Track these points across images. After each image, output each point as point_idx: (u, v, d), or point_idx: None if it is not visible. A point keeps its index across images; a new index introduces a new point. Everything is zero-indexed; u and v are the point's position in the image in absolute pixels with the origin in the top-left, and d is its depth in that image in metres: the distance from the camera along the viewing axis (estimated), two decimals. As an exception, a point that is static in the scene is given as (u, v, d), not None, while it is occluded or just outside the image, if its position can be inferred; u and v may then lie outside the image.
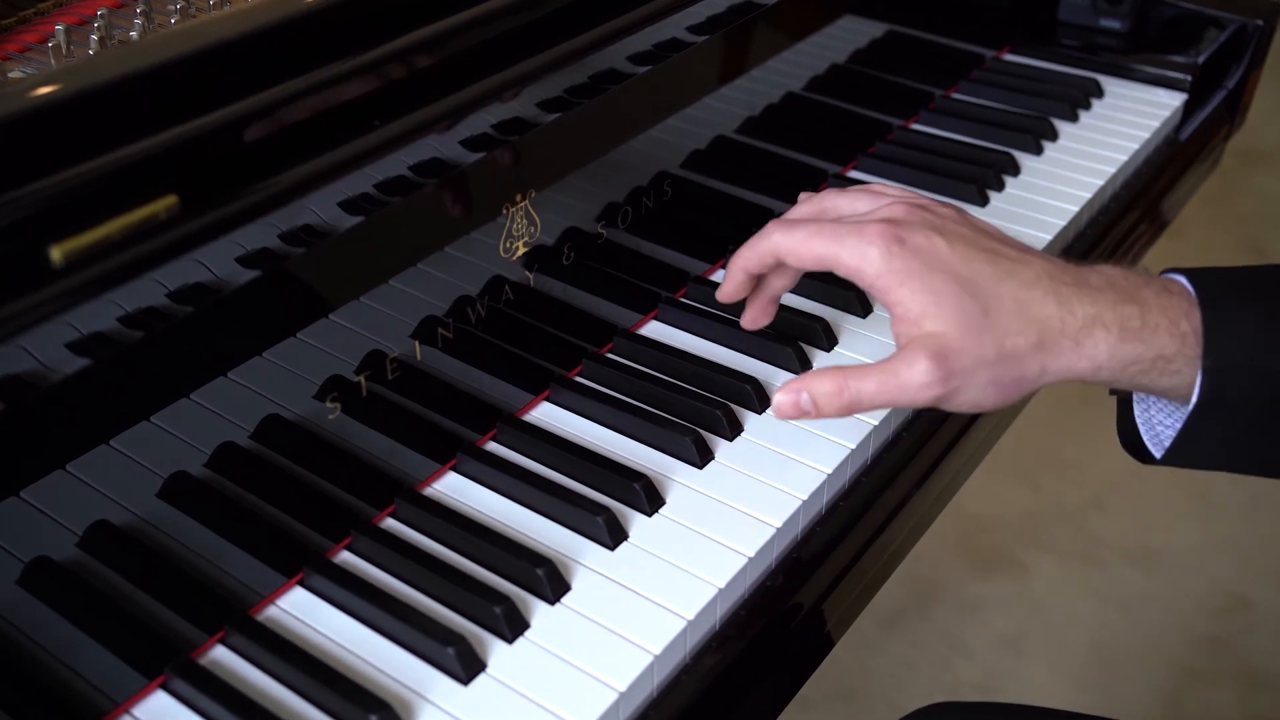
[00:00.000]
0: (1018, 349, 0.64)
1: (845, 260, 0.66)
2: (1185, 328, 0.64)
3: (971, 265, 0.64)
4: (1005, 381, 0.65)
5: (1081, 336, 0.64)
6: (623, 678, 0.63)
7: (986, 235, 0.67)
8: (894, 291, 0.65)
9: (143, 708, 0.63)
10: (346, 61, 0.61)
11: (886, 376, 0.65)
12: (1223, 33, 1.25)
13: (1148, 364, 0.64)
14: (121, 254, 0.51)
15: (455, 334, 0.75)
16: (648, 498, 0.73)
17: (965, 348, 0.63)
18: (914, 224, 0.66)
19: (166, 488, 0.64)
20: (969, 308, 0.63)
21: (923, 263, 0.64)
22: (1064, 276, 0.65)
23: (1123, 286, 0.65)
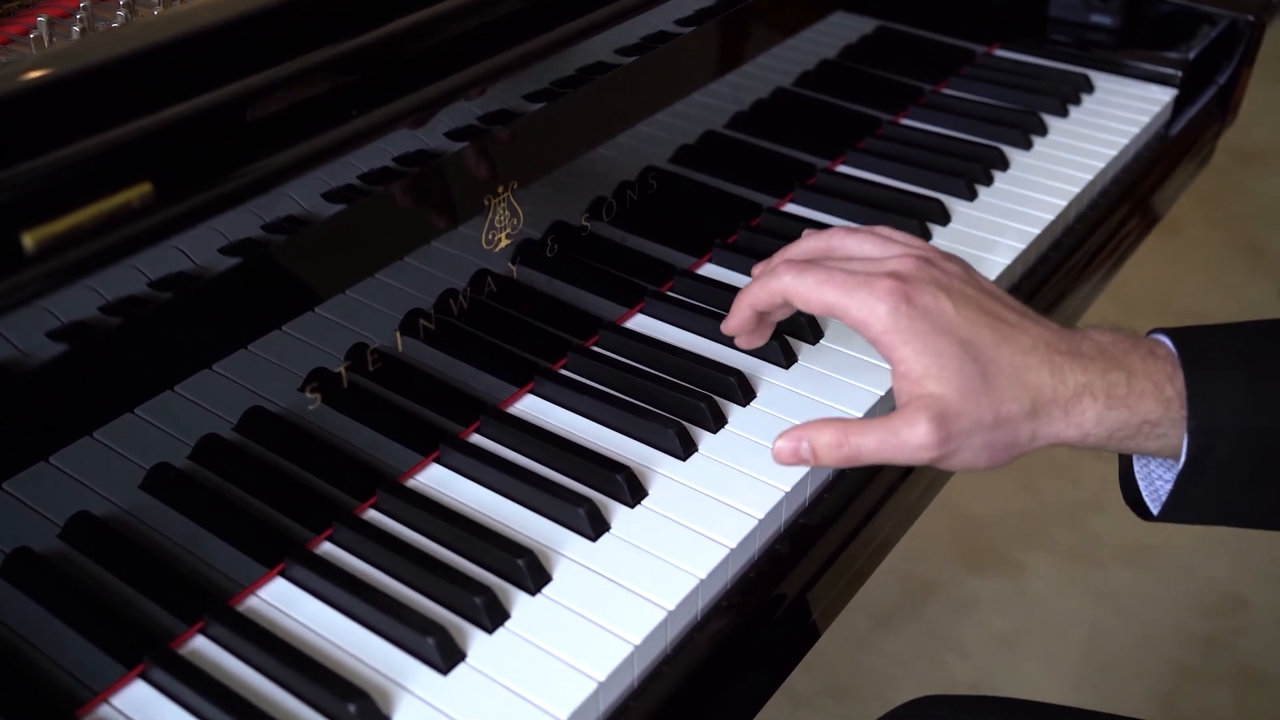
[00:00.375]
0: (1012, 415, 0.65)
1: (853, 313, 0.67)
2: (1170, 392, 0.65)
3: (974, 328, 0.66)
4: (999, 446, 0.66)
5: (1071, 405, 0.65)
6: (602, 668, 0.63)
7: (988, 296, 0.68)
8: (898, 350, 0.66)
9: (121, 697, 0.63)
10: (325, 50, 0.61)
11: (887, 435, 0.66)
12: (1214, 29, 1.25)
13: (1134, 429, 0.66)
14: (95, 241, 0.51)
15: (437, 326, 0.75)
16: (630, 489, 0.72)
17: (964, 411, 0.64)
18: (922, 281, 0.67)
19: (149, 479, 0.64)
20: (970, 371, 0.65)
21: (928, 323, 0.65)
22: (1059, 344, 0.66)
23: (1111, 353, 0.67)
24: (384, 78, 0.65)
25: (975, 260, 0.95)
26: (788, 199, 1.04)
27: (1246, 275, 2.48)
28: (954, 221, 1.00)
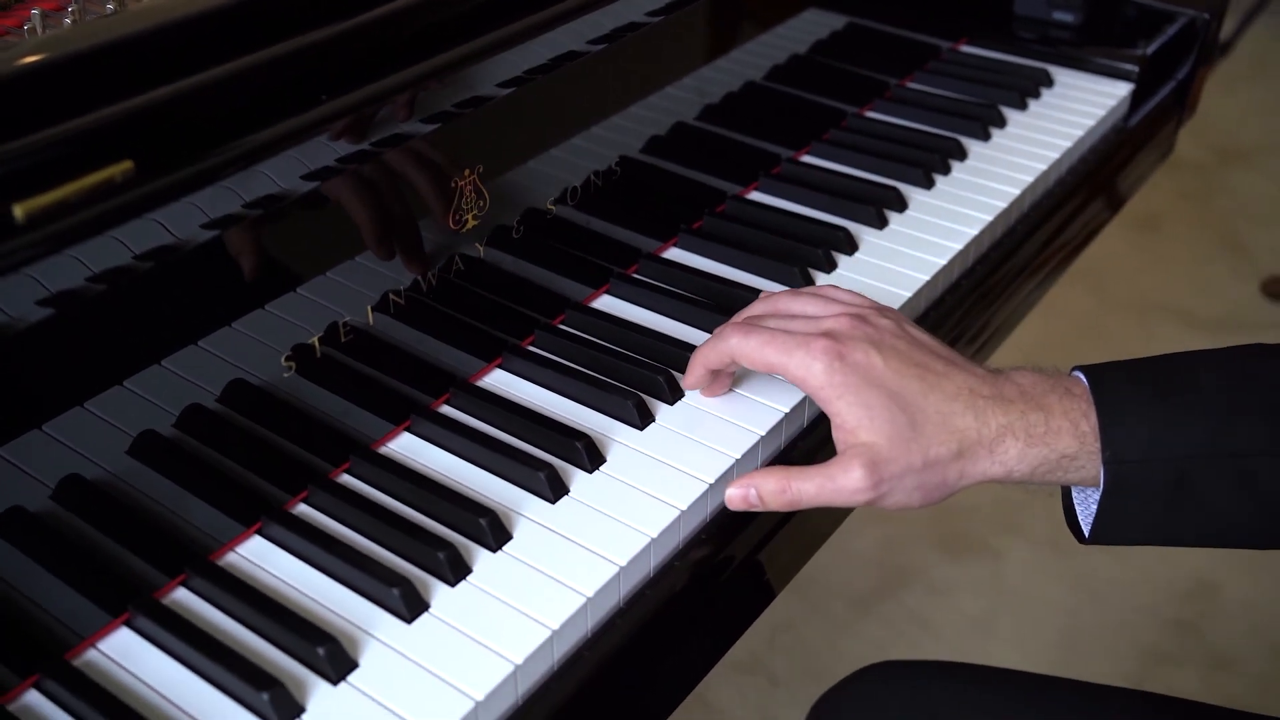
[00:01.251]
0: (940, 457, 0.71)
1: (792, 371, 0.73)
2: (1085, 427, 0.71)
3: (902, 380, 0.71)
4: (929, 486, 0.72)
5: (995, 445, 0.71)
6: (556, 618, 0.67)
7: (918, 347, 0.74)
8: (833, 403, 0.71)
9: (107, 643, 0.67)
10: (297, 39, 0.66)
11: (824, 480, 0.72)
12: (1173, 26, 1.29)
13: (1054, 464, 0.71)
14: (80, 213, 0.56)
15: (408, 302, 0.79)
16: (589, 455, 0.77)
17: (895, 457, 0.70)
18: (855, 339, 0.73)
19: (136, 445, 0.68)
20: (899, 420, 0.70)
21: (860, 378, 0.71)
22: (982, 389, 0.72)
23: (1031, 394, 0.72)
24: (356, 64, 0.69)
25: (931, 246, 1.00)
26: (752, 187, 1.08)
27: (1228, 272, 2.52)
28: (911, 209, 1.05)
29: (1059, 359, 0.79)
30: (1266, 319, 2.39)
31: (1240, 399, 0.71)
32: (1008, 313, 1.10)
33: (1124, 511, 0.72)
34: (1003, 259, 1.06)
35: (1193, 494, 0.71)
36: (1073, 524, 0.77)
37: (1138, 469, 0.70)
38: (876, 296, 0.92)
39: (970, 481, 0.73)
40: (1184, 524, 0.72)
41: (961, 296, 1.01)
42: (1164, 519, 0.72)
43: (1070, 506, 0.77)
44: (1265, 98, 3.18)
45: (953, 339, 0.99)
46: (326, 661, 0.64)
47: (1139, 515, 0.72)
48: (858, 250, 0.99)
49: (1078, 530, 0.77)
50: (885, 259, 0.98)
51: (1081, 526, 0.76)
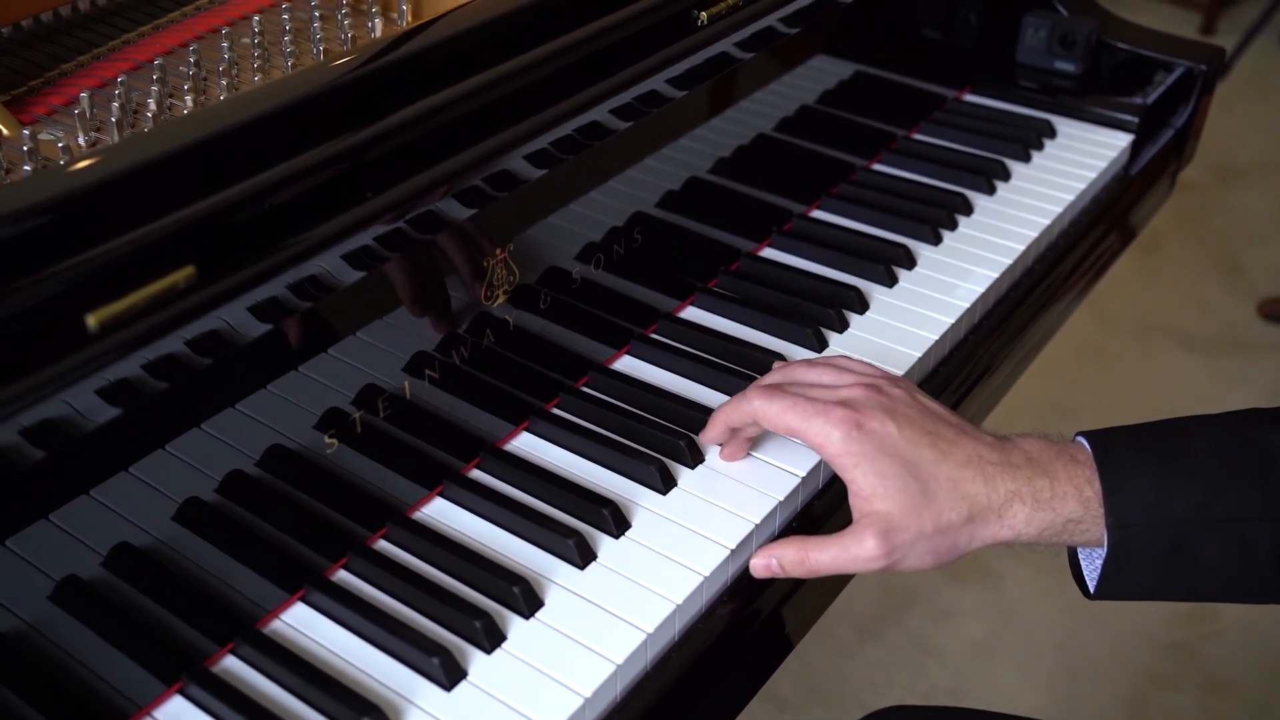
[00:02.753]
0: (952, 523, 0.74)
1: (811, 437, 0.76)
2: (1089, 493, 0.75)
3: (916, 449, 0.75)
4: (941, 549, 0.76)
5: (1003, 510, 0.75)
6: (588, 684, 0.71)
7: (929, 416, 0.78)
8: (850, 471, 0.75)
9: (162, 710, 0.71)
10: (339, 141, 0.69)
11: (839, 551, 0.75)
12: (1170, 75, 1.33)
13: (1059, 527, 0.75)
14: (147, 319, 0.59)
15: (440, 370, 0.83)
16: (615, 522, 0.80)
17: (907, 525, 0.74)
18: (871, 408, 0.76)
19: (181, 512, 0.72)
20: (912, 489, 0.74)
21: (875, 446, 0.74)
22: (990, 455, 0.76)
23: (1038, 461, 0.76)
24: (391, 163, 0.72)
25: (937, 302, 1.03)
26: (765, 244, 1.11)
27: (1225, 291, 2.56)
28: (919, 265, 1.08)
29: (1058, 378, 0.83)
30: (1263, 340, 2.43)
31: (1233, 465, 0.75)
32: (1019, 356, 1.13)
33: (1127, 572, 0.76)
34: (1010, 310, 1.09)
35: (1190, 556, 0.75)
36: (1078, 579, 0.81)
37: (1139, 533, 0.74)
38: (888, 355, 0.97)
39: (980, 544, 0.76)
40: (1183, 583, 0.76)
41: (969, 351, 1.04)
42: (1164, 578, 0.76)
43: (1076, 563, 0.81)
44: (1263, 117, 3.21)
45: (963, 390, 1.03)
46: (372, 731, 0.67)
47: (1141, 575, 0.76)
48: (869, 309, 1.03)
49: (1083, 585, 0.80)
50: (896, 318, 1.02)
51: (1087, 582, 0.80)
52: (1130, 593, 0.78)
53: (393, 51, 0.76)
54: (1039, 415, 2.06)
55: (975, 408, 1.06)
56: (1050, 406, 2.14)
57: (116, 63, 0.90)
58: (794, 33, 1.04)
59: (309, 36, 0.90)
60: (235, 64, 0.87)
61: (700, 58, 0.95)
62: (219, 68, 0.86)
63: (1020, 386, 1.17)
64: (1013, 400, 1.17)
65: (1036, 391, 2.12)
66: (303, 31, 0.92)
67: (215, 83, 0.85)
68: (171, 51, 0.90)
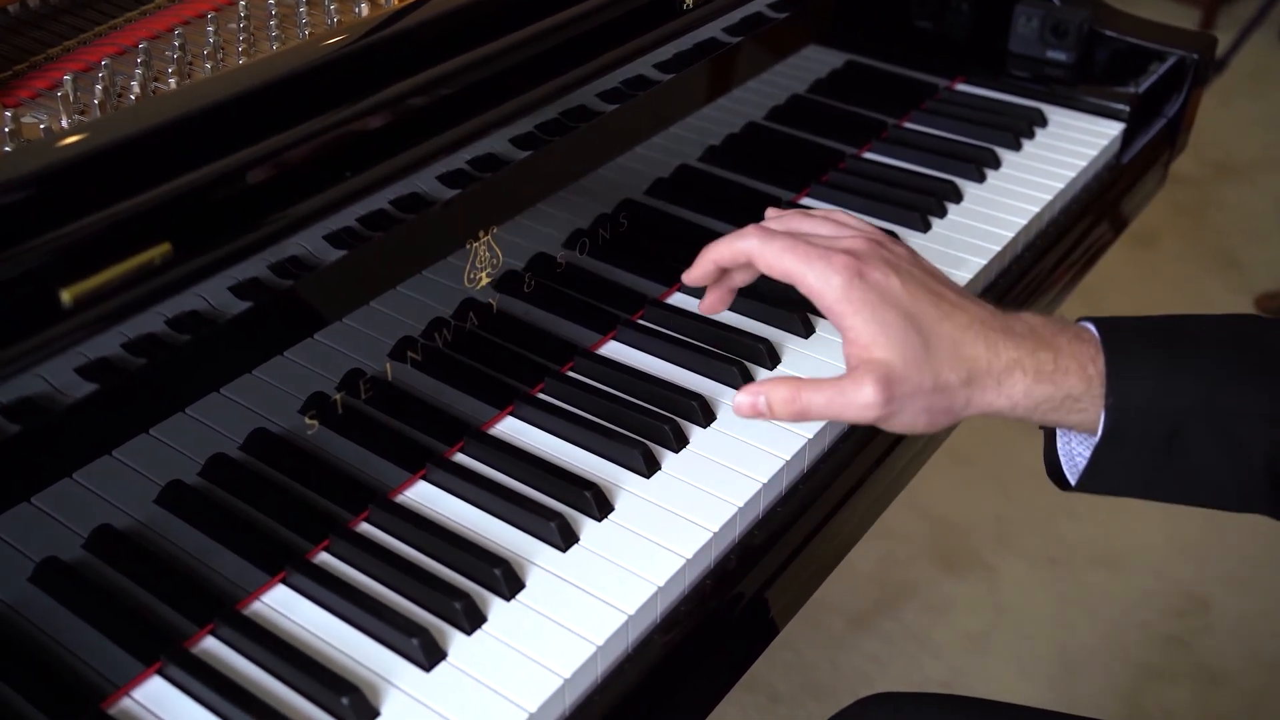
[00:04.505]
0: (950, 383, 0.72)
1: (810, 281, 0.73)
2: (1092, 371, 0.73)
3: (918, 304, 0.72)
4: (936, 410, 0.73)
5: (1003, 377, 0.72)
6: (568, 666, 0.71)
7: (933, 278, 0.76)
8: (849, 318, 0.72)
9: (141, 691, 0.70)
10: (319, 120, 0.69)
11: (835, 393, 0.72)
12: (1163, 65, 1.32)
13: (1058, 403, 0.73)
14: (123, 295, 0.59)
15: (424, 353, 0.83)
16: (598, 505, 0.80)
17: (907, 376, 0.71)
18: (874, 259, 0.73)
19: (163, 495, 0.72)
20: (913, 341, 0.72)
21: (878, 295, 0.72)
22: (993, 323, 0.74)
23: (1041, 334, 0.74)
24: (373, 141, 0.72)
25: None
26: (753, 231, 1.11)
27: (1222, 287, 2.55)
28: (908, 252, 1.08)
29: None
30: (1260, 335, 2.42)
31: (1238, 363, 0.73)
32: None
33: (1116, 460, 0.74)
34: (998, 298, 1.09)
35: (1184, 449, 0.72)
36: (1054, 474, 0.79)
37: (1137, 418, 0.72)
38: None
39: (975, 410, 0.74)
40: (1171, 478, 0.74)
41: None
42: (1152, 471, 0.74)
43: (1054, 458, 0.79)
44: (1261, 112, 3.21)
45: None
46: (350, 710, 0.67)
47: (1130, 465, 0.74)
48: (856, 295, 1.02)
49: (1060, 479, 0.79)
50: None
51: (1067, 475, 0.78)
52: (1114, 485, 0.75)
53: (375, 32, 0.76)
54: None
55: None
56: (1046, 400, 2.13)
57: (101, 47, 0.90)
58: (781, 18, 1.04)
59: (295, 21, 0.90)
60: (220, 48, 0.87)
61: (687, 42, 0.95)
62: (204, 52, 0.86)
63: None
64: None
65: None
66: (289, 17, 0.91)
67: (200, 66, 0.84)
68: (157, 36, 0.90)
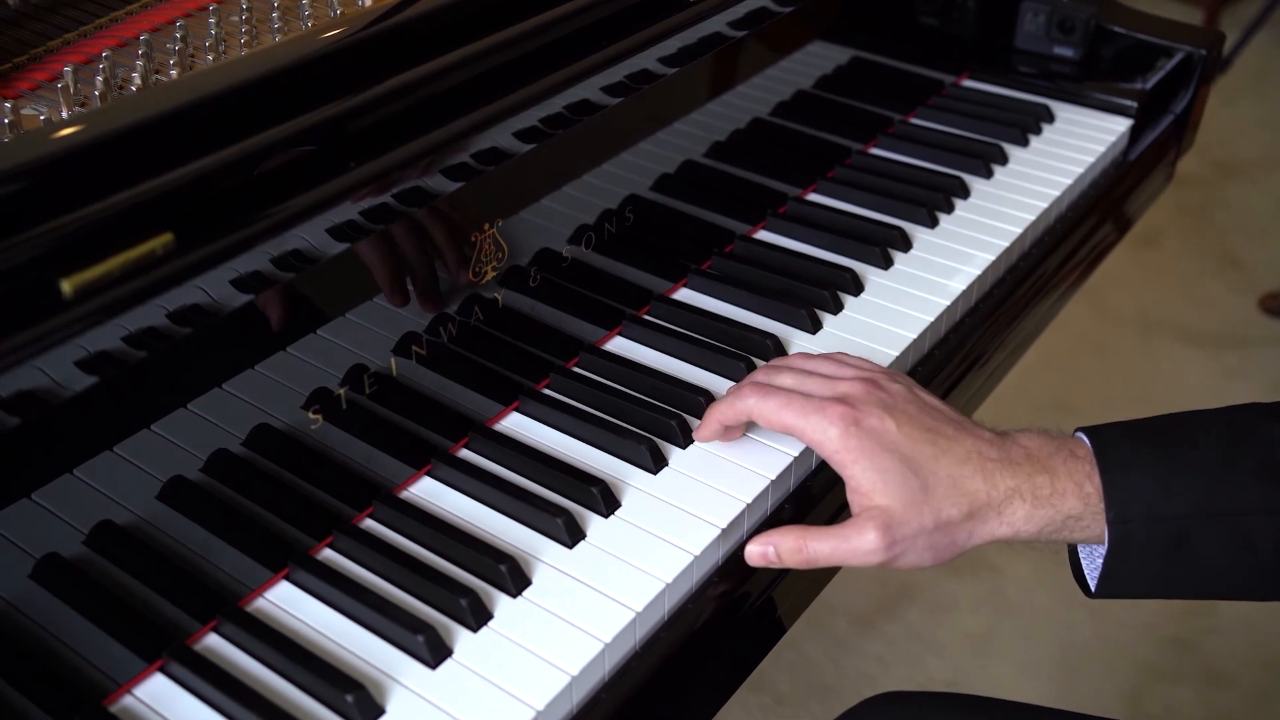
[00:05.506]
0: (951, 519, 0.73)
1: (809, 434, 0.75)
2: (1089, 489, 0.74)
3: (915, 445, 0.74)
4: (940, 546, 0.74)
5: (1003, 507, 0.74)
6: (575, 663, 0.70)
7: (928, 412, 0.77)
8: (849, 467, 0.74)
9: (143, 688, 0.70)
10: (323, 110, 0.68)
11: (839, 542, 0.74)
12: (1170, 61, 1.31)
13: (1059, 524, 0.74)
14: (124, 285, 0.58)
15: (428, 349, 0.82)
16: (604, 501, 0.79)
17: (908, 520, 0.73)
18: (869, 404, 0.75)
19: (165, 490, 0.71)
20: (911, 485, 0.73)
21: (874, 442, 0.73)
22: (990, 453, 0.75)
23: (1038, 457, 0.75)
24: (376, 133, 0.71)
25: (933, 285, 1.02)
26: (759, 226, 1.10)
27: (1225, 287, 2.54)
28: (915, 248, 1.07)
29: (1059, 373, 0.81)
30: (1264, 334, 2.42)
31: (1234, 460, 0.74)
32: (1014, 343, 1.12)
33: (1128, 569, 0.75)
34: (1006, 295, 1.08)
35: (1192, 551, 0.73)
36: (1079, 577, 0.80)
37: (1140, 528, 0.73)
38: (882, 338, 0.96)
39: (979, 541, 0.75)
40: (1185, 579, 0.75)
41: (965, 334, 1.03)
42: (1166, 575, 0.75)
43: (1077, 562, 0.80)
44: (1265, 112, 3.20)
45: (958, 375, 1.02)
46: (355, 708, 0.66)
47: (1142, 572, 0.75)
48: (864, 291, 1.02)
49: (1084, 584, 0.79)
50: (891, 300, 1.01)
51: (1088, 581, 0.79)
52: (1132, 590, 0.77)
53: (378, 23, 0.75)
54: (1039, 410, 2.05)
55: (969, 394, 1.04)
56: (1050, 402, 2.13)
57: (102, 39, 0.89)
58: (786, 12, 1.03)
59: (298, 14, 0.89)
60: (223, 40, 0.86)
61: (692, 36, 0.94)
62: (205, 44, 0.85)
63: (1020, 381, 1.17)
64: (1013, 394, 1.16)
65: (1037, 386, 2.11)
66: (291, 9, 0.91)
67: (201, 59, 0.84)
68: (158, 29, 0.90)
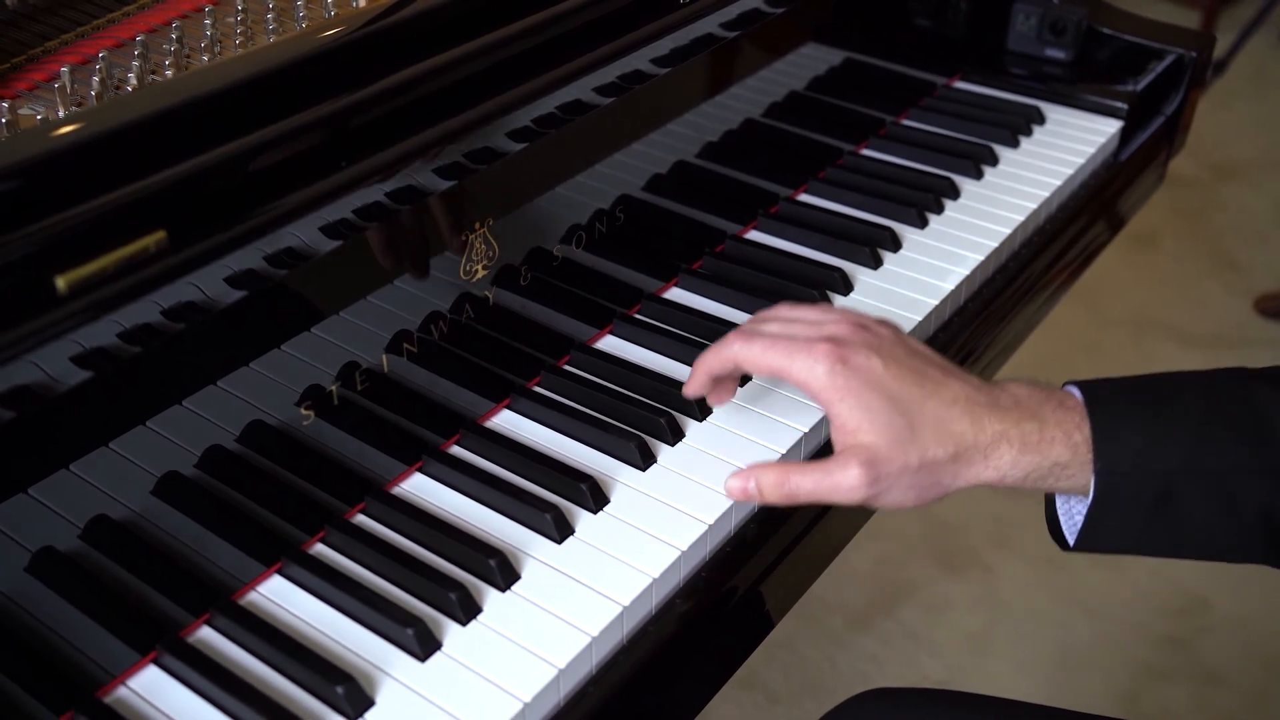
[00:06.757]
0: (937, 459, 0.73)
1: (795, 374, 0.75)
2: (1078, 438, 0.73)
3: (902, 385, 0.74)
4: (924, 486, 0.74)
5: (990, 450, 0.73)
6: (563, 656, 0.71)
7: (916, 355, 0.77)
8: (835, 405, 0.74)
9: (136, 680, 0.71)
10: (315, 109, 0.69)
11: (822, 476, 0.74)
12: (1161, 63, 1.32)
13: (1045, 471, 0.74)
14: (117, 282, 0.59)
15: (420, 346, 0.83)
16: (593, 497, 0.80)
17: (891, 457, 0.73)
18: (856, 344, 0.75)
19: (160, 486, 0.72)
20: (897, 423, 0.73)
21: (861, 381, 0.73)
22: (978, 397, 0.75)
23: (1026, 404, 0.75)
24: (370, 133, 0.72)
25: (921, 284, 1.03)
26: (750, 226, 1.11)
27: (1222, 288, 2.55)
28: (905, 248, 1.08)
29: (1054, 374, 0.82)
30: (1259, 336, 2.42)
31: (1222, 418, 0.74)
32: (1003, 343, 1.13)
33: (1110, 522, 0.75)
34: (994, 294, 1.09)
35: (1176, 508, 0.73)
36: (1055, 532, 0.80)
37: (1126, 480, 0.73)
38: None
39: (964, 484, 0.75)
40: (1166, 536, 0.75)
41: (954, 333, 1.04)
42: (1147, 531, 0.75)
43: (1054, 516, 0.79)
44: (1261, 114, 3.21)
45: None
46: (345, 700, 0.67)
47: (1124, 526, 0.75)
48: (853, 290, 1.03)
49: (1060, 538, 0.79)
50: (880, 299, 1.02)
51: (1066, 535, 0.78)
52: (1111, 544, 0.76)
53: (372, 23, 0.76)
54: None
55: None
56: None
57: (99, 40, 0.90)
58: (778, 13, 1.04)
59: (293, 15, 0.90)
60: (218, 41, 0.87)
61: (684, 36, 0.95)
62: (201, 45, 0.86)
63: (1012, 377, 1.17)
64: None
65: (1032, 386, 2.12)
66: (286, 10, 0.92)
67: (197, 59, 0.85)
68: (155, 30, 0.91)
